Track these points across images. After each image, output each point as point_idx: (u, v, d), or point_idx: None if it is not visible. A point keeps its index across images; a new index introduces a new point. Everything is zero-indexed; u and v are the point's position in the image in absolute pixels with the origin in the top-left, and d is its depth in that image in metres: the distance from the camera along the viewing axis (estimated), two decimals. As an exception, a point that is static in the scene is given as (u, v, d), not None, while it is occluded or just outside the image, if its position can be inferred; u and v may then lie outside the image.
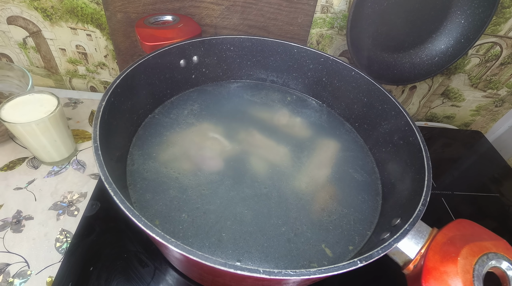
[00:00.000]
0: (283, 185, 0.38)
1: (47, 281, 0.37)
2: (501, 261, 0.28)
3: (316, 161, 0.42)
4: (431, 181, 0.31)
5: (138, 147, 0.40)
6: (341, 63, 0.46)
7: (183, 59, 0.45)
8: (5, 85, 0.53)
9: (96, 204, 0.43)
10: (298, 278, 0.22)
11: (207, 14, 0.55)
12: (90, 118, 0.58)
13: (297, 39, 0.59)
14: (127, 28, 0.56)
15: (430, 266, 0.27)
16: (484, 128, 0.79)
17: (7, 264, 0.38)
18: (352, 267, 0.24)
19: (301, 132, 0.45)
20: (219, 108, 0.47)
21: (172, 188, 0.36)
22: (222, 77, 0.51)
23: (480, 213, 0.53)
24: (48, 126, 0.43)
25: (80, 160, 0.51)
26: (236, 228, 0.34)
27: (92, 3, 0.54)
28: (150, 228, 0.23)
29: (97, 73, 0.66)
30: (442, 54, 0.56)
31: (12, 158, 0.49)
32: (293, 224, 0.35)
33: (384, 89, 0.42)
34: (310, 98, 0.52)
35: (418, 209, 0.28)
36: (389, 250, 0.25)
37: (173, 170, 0.37)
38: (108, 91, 0.34)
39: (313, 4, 0.54)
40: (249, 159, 0.40)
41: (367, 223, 0.36)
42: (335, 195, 0.38)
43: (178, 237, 0.32)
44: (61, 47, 0.60)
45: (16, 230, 0.41)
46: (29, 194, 0.45)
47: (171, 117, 0.44)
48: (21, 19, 0.56)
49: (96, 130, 0.30)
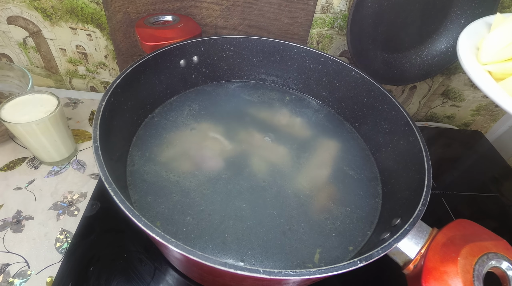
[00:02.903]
0: (284, 184, 0.38)
1: (47, 281, 0.37)
2: (501, 261, 0.28)
3: (316, 161, 0.42)
4: (431, 181, 0.31)
5: (138, 147, 0.40)
6: (341, 63, 0.46)
7: (183, 59, 0.45)
8: (5, 85, 0.53)
9: (96, 204, 0.43)
10: (298, 278, 0.22)
11: (207, 14, 0.55)
12: (90, 118, 0.58)
13: (297, 39, 0.59)
14: (127, 28, 0.56)
15: (430, 266, 0.27)
16: (484, 128, 0.79)
17: (7, 264, 0.38)
18: (352, 267, 0.24)
19: (301, 132, 0.45)
20: (219, 108, 0.47)
21: (175, 192, 0.36)
22: (222, 77, 0.51)
23: (480, 213, 0.53)
24: (48, 126, 0.43)
25: (80, 160, 0.51)
26: (238, 226, 0.34)
27: (92, 3, 0.54)
28: (150, 228, 0.23)
29: (97, 73, 0.66)
30: (442, 54, 0.56)
31: (12, 158, 0.49)
32: (290, 220, 0.35)
33: (384, 89, 0.42)
34: (310, 98, 0.52)
35: (418, 209, 0.28)
36: (389, 250, 0.25)
37: (173, 174, 0.37)
38: (108, 91, 0.34)
39: (313, 4, 0.54)
40: (249, 159, 0.40)
41: (367, 223, 0.36)
42: (334, 195, 0.38)
43: (179, 238, 0.32)
44: (61, 47, 0.60)
45: (16, 230, 0.41)
46: (29, 194, 0.45)
47: (171, 117, 0.44)
48: (21, 19, 0.56)
49: (96, 130, 0.30)
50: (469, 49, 0.36)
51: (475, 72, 0.33)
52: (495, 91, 0.32)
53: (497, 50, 0.33)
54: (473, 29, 0.39)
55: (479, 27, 0.39)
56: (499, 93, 0.32)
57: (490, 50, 0.34)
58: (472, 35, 0.38)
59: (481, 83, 0.33)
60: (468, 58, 0.35)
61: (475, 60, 0.35)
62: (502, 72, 0.33)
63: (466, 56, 0.35)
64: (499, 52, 0.33)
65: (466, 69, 0.34)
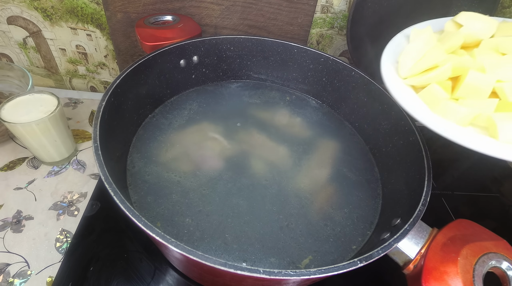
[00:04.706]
0: (284, 183, 0.38)
1: (47, 281, 0.37)
2: (501, 261, 0.28)
3: (316, 161, 0.42)
4: (431, 181, 0.31)
5: (138, 147, 0.40)
6: (341, 63, 0.46)
7: (183, 59, 0.45)
8: (5, 85, 0.53)
9: (96, 204, 0.43)
10: (298, 278, 0.22)
11: (207, 14, 0.55)
12: (90, 118, 0.58)
13: (297, 39, 0.59)
14: (127, 28, 0.56)
15: (430, 266, 0.27)
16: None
17: (7, 264, 0.38)
18: (352, 267, 0.24)
19: (301, 132, 0.45)
20: (219, 108, 0.47)
21: (175, 193, 0.36)
22: (222, 77, 0.51)
23: (480, 213, 0.53)
24: (48, 126, 0.43)
25: (80, 160, 0.51)
26: (236, 222, 0.34)
27: (92, 3, 0.54)
28: (150, 228, 0.23)
29: (97, 73, 0.66)
30: (442, 54, 0.56)
31: (12, 158, 0.49)
32: (289, 218, 0.35)
33: (384, 89, 0.42)
34: (310, 98, 0.52)
35: (418, 209, 0.28)
36: (389, 250, 0.25)
37: (174, 174, 0.37)
38: (108, 91, 0.34)
39: (313, 4, 0.54)
40: (249, 159, 0.40)
41: (367, 223, 0.36)
42: (334, 196, 0.38)
43: (182, 241, 0.32)
44: (61, 47, 0.60)
45: (16, 230, 0.41)
46: (29, 194, 0.45)
47: (171, 117, 0.44)
48: (21, 19, 0.56)
49: (96, 130, 0.30)
50: (391, 64, 0.35)
51: (395, 87, 0.32)
52: (414, 105, 0.31)
53: (413, 64, 0.33)
54: (395, 43, 0.38)
55: (400, 41, 0.38)
56: (417, 107, 0.31)
57: (407, 63, 0.33)
58: (394, 49, 0.37)
59: (401, 98, 0.31)
60: (389, 73, 0.34)
61: (396, 75, 0.34)
62: (421, 84, 0.32)
63: (388, 71, 0.34)
64: (415, 65, 0.33)
65: (387, 84, 0.33)
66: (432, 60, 0.32)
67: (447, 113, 0.30)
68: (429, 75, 0.31)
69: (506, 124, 0.27)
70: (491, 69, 0.29)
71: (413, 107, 0.31)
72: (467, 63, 0.31)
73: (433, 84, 0.31)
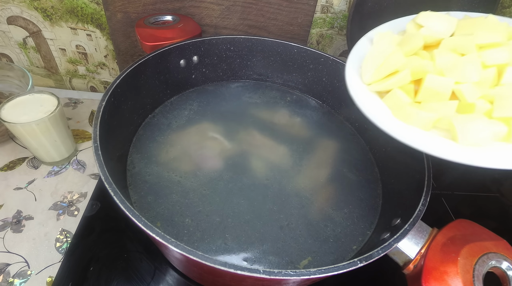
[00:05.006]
0: (285, 183, 0.38)
1: (47, 281, 0.37)
2: (501, 261, 0.28)
3: (316, 161, 0.42)
4: (431, 181, 0.31)
5: (138, 147, 0.40)
6: (341, 63, 0.46)
7: (183, 59, 0.45)
8: (5, 85, 0.53)
9: (96, 204, 0.43)
10: (298, 278, 0.22)
11: (207, 14, 0.55)
12: (90, 118, 0.58)
13: (297, 39, 0.59)
14: (127, 28, 0.56)
15: (430, 266, 0.27)
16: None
17: (7, 264, 0.38)
18: (352, 267, 0.24)
19: (301, 132, 0.45)
20: (219, 108, 0.47)
21: (175, 193, 0.36)
22: (222, 77, 0.51)
23: (480, 213, 0.53)
24: (48, 126, 0.43)
25: (80, 160, 0.51)
26: (236, 222, 0.34)
27: (92, 3, 0.54)
28: (150, 228, 0.23)
29: (97, 73, 0.66)
30: (442, 54, 0.55)
31: (12, 158, 0.49)
32: (289, 217, 0.35)
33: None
34: (310, 98, 0.52)
35: (418, 209, 0.28)
36: (389, 250, 0.25)
37: (174, 174, 0.37)
38: (108, 91, 0.34)
39: (313, 4, 0.54)
40: (249, 159, 0.40)
41: (367, 223, 0.36)
42: (335, 196, 0.38)
43: (182, 241, 0.32)
44: (61, 47, 0.60)
45: (16, 230, 0.41)
46: (29, 194, 0.45)
47: (171, 117, 0.44)
48: (21, 19, 0.56)
49: (96, 130, 0.30)
50: (355, 70, 0.33)
51: (357, 94, 0.31)
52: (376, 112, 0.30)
53: (374, 69, 0.32)
54: (359, 47, 0.36)
55: (364, 45, 0.36)
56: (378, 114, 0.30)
57: (369, 69, 0.32)
58: (359, 54, 0.35)
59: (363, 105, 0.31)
60: (353, 80, 0.33)
61: (361, 81, 0.33)
62: (385, 90, 0.31)
63: (352, 77, 0.33)
64: (377, 71, 0.31)
65: (350, 92, 0.32)
66: (392, 66, 0.30)
67: (408, 118, 0.29)
68: (391, 80, 0.30)
69: (465, 126, 0.26)
70: (449, 71, 0.28)
71: (375, 114, 0.30)
72: (426, 67, 0.29)
73: (395, 89, 0.30)
